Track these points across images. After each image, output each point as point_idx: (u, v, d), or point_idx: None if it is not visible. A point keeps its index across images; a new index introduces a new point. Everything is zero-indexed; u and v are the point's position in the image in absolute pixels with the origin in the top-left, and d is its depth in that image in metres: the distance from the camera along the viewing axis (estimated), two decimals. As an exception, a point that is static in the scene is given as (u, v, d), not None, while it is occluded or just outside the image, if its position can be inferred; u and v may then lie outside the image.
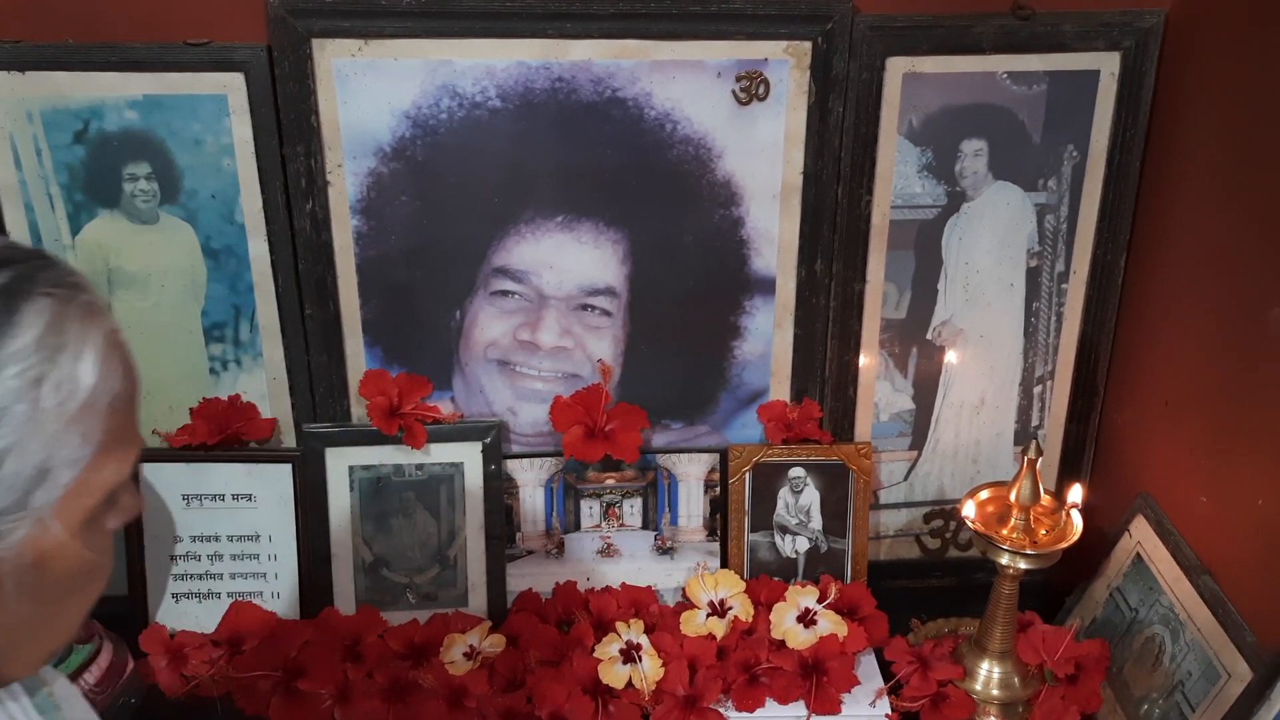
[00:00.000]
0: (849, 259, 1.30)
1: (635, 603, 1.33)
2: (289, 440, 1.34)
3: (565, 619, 1.32)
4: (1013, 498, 1.18)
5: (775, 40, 1.19)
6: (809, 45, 1.19)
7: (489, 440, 1.32)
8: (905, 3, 1.19)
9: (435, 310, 1.29)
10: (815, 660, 1.25)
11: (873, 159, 1.25)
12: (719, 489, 1.37)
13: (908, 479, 1.43)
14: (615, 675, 1.22)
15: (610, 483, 1.37)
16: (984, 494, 1.23)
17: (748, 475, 1.36)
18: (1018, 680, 1.24)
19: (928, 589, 1.46)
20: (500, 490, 1.34)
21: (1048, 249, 1.33)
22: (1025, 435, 1.41)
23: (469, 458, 1.33)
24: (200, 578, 1.32)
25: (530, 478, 1.36)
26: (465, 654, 1.26)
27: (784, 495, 1.37)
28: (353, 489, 1.32)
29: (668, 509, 1.38)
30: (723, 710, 1.23)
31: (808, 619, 1.28)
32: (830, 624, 1.28)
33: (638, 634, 1.26)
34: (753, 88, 1.21)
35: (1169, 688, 1.15)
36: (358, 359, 1.30)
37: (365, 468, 1.32)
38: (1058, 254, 1.33)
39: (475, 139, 1.20)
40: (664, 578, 1.39)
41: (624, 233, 1.27)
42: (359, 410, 1.32)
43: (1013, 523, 1.18)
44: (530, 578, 1.38)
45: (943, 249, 1.31)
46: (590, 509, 1.38)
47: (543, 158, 1.22)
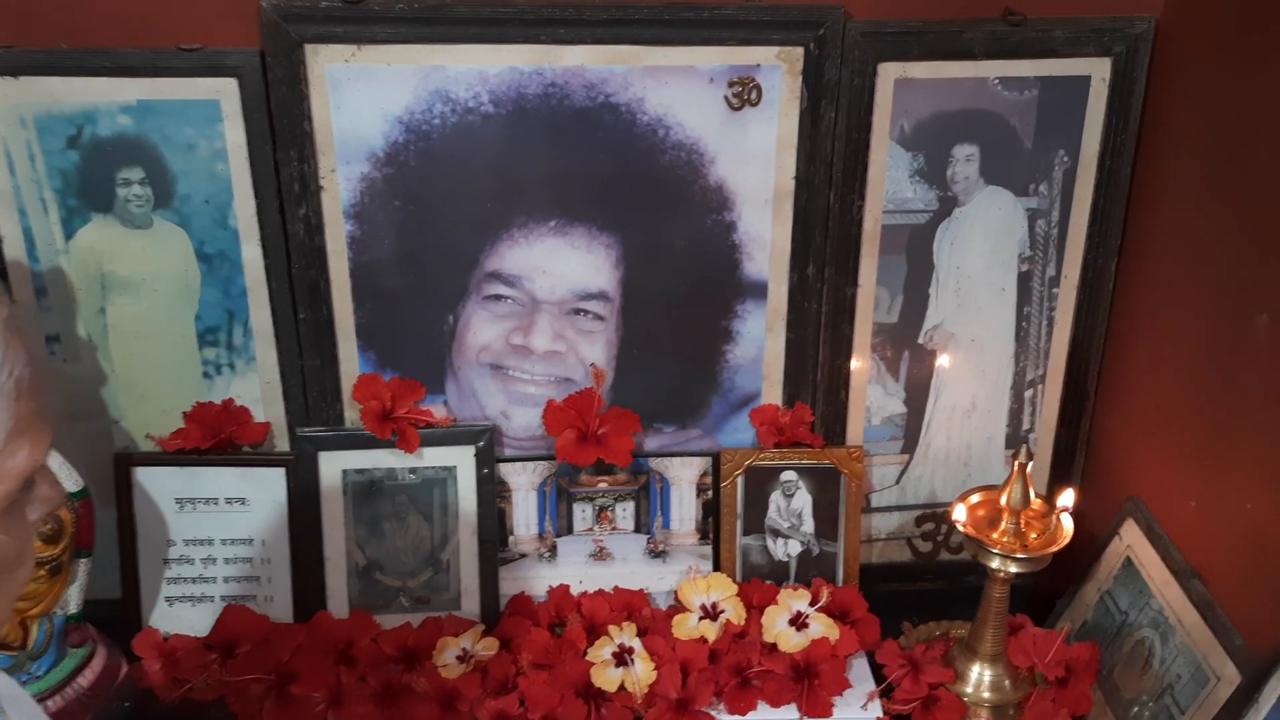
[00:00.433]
0: (841, 264, 1.30)
1: (628, 606, 1.34)
2: (282, 444, 1.34)
3: (558, 622, 1.32)
4: (1004, 501, 1.19)
5: (767, 46, 1.19)
6: (801, 51, 1.20)
7: (482, 444, 1.32)
8: (897, 8, 1.20)
9: (428, 315, 1.29)
10: (807, 663, 1.25)
11: (864, 164, 1.25)
12: (711, 492, 1.38)
13: (899, 483, 1.43)
14: (608, 678, 1.22)
15: (603, 486, 1.38)
16: (975, 498, 1.24)
17: (740, 479, 1.36)
18: (1008, 683, 1.24)
19: (919, 592, 1.46)
20: (493, 494, 1.34)
21: (1039, 254, 1.33)
22: (1016, 439, 1.41)
23: (462, 461, 1.33)
24: (193, 581, 1.32)
25: (523, 481, 1.36)
26: (458, 657, 1.26)
27: (776, 499, 1.37)
28: (346, 493, 1.32)
29: (660, 512, 1.39)
30: (715, 713, 1.23)
31: (799, 622, 1.29)
32: (822, 627, 1.28)
33: (630, 637, 1.27)
34: (745, 93, 1.22)
35: (1158, 690, 1.16)
36: (351, 363, 1.31)
37: (358, 471, 1.32)
38: (1049, 259, 1.33)
39: (468, 144, 1.21)
40: (656, 581, 1.39)
41: (616, 237, 1.27)
42: (352, 414, 1.32)
43: (1003, 526, 1.19)
44: (523, 581, 1.38)
45: (934, 254, 1.32)
46: (583, 512, 1.38)
47: (535, 163, 1.22)
